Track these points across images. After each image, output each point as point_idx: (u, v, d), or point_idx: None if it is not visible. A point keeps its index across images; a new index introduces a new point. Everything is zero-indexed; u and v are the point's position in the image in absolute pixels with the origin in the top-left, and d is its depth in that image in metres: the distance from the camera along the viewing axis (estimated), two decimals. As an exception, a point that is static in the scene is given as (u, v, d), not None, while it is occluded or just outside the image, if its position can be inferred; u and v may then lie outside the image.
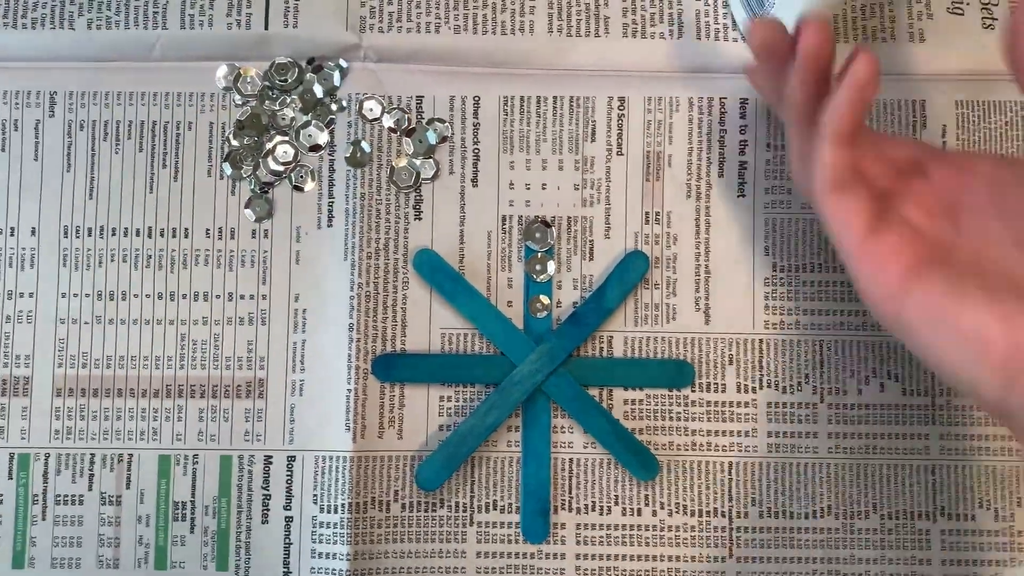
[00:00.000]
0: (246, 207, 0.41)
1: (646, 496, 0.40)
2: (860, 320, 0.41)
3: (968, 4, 0.42)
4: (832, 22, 0.34)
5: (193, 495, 0.40)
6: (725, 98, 0.42)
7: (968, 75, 0.42)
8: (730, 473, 0.40)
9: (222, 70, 0.42)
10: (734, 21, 0.42)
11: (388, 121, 0.42)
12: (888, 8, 0.42)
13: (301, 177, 0.42)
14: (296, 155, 0.42)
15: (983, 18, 0.42)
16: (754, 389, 0.41)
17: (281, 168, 0.42)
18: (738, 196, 0.41)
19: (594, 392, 0.41)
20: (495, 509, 0.40)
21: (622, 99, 0.42)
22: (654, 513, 0.40)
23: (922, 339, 0.30)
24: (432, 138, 0.42)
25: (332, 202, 0.41)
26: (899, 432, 0.40)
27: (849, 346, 0.41)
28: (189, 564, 0.40)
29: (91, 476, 0.40)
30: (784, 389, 0.41)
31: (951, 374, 0.30)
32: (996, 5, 0.42)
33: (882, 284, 0.31)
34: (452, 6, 0.42)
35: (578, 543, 0.40)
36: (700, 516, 0.40)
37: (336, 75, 0.42)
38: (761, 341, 0.41)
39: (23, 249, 0.41)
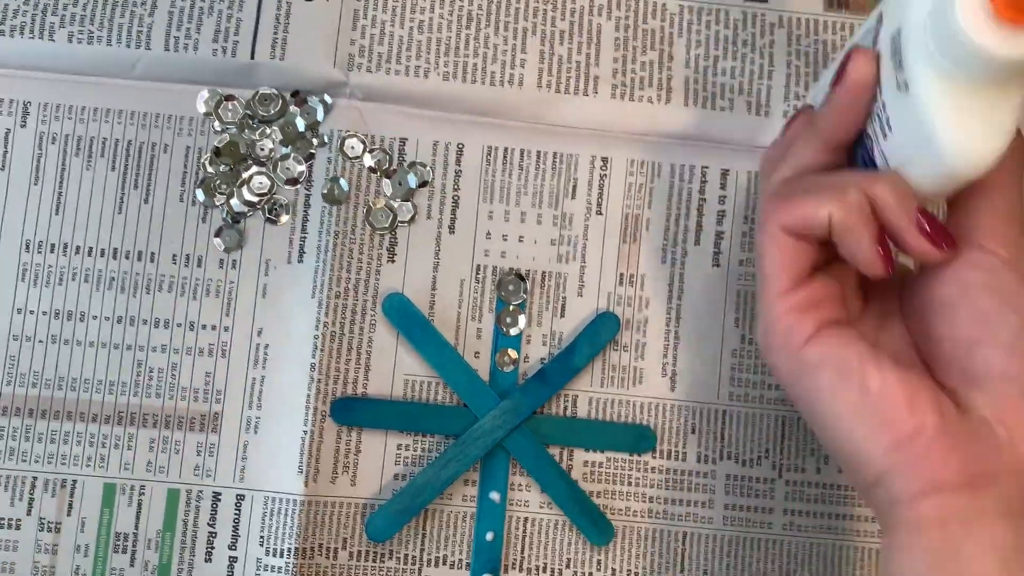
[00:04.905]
0: (216, 236, 0.41)
1: (598, 561, 0.40)
2: (824, 398, 0.41)
3: None
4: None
5: (136, 527, 0.39)
6: (707, 167, 0.42)
7: None
8: (684, 543, 0.40)
9: (204, 94, 0.41)
10: (722, 91, 0.42)
11: (369, 160, 0.41)
12: None
13: (275, 210, 0.41)
14: (272, 187, 0.41)
15: None
16: (714, 460, 0.41)
17: (256, 199, 0.41)
18: (713, 266, 0.41)
19: (555, 451, 0.40)
20: (445, 564, 0.40)
21: (605, 159, 0.42)
22: (605, 579, 0.40)
23: (822, 396, 0.29)
24: (412, 181, 0.41)
25: (305, 237, 0.41)
26: (855, 514, 0.41)
27: (811, 424, 0.41)
28: (125, 599, 0.39)
29: (31, 500, 0.39)
30: (744, 462, 0.41)
31: (839, 440, 0.29)
32: None
33: (797, 332, 0.30)
34: (443, 52, 0.42)
35: (526, 604, 0.40)
36: (651, 585, 0.40)
37: (320, 109, 0.41)
38: (724, 412, 0.41)
39: (-19, 260, 0.40)
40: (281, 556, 0.39)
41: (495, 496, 0.40)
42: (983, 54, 0.25)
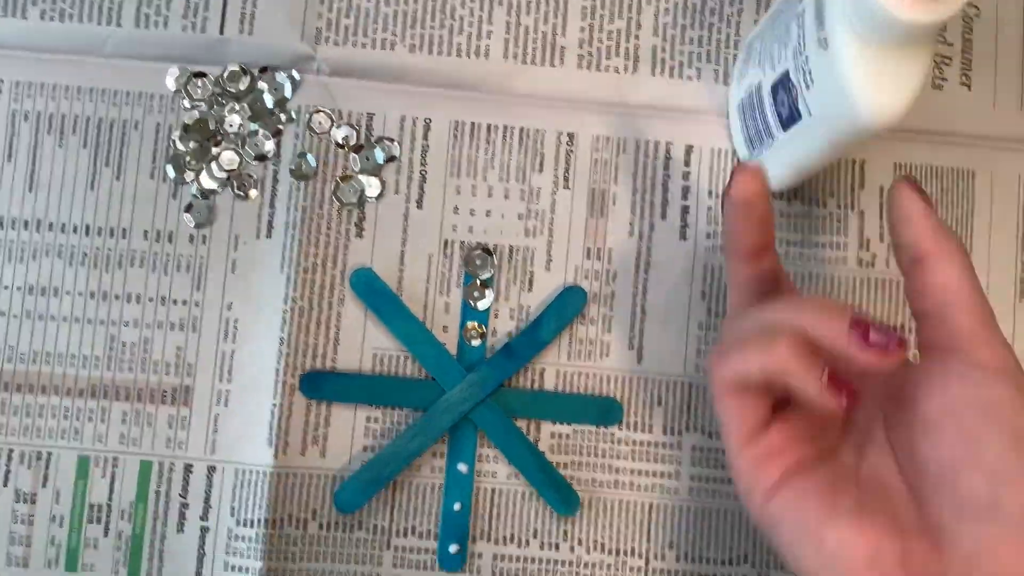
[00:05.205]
0: (186, 211, 0.41)
1: (565, 532, 0.40)
2: (791, 370, 0.41)
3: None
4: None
5: (110, 498, 0.40)
6: (671, 143, 0.42)
7: (910, 131, 0.42)
8: (650, 514, 0.40)
9: (173, 72, 0.41)
10: (690, 60, 0.42)
11: (337, 136, 0.41)
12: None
13: (244, 185, 0.41)
14: (241, 163, 0.41)
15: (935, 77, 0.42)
16: (680, 431, 0.41)
17: (225, 175, 0.41)
18: (680, 239, 0.41)
19: (522, 424, 0.41)
20: (413, 535, 0.40)
21: (571, 135, 0.42)
22: (572, 549, 0.40)
23: (784, 549, 0.29)
24: (380, 157, 0.41)
25: (273, 213, 0.41)
26: (821, 485, 0.41)
27: (778, 396, 0.41)
28: (100, 567, 0.40)
29: (7, 472, 0.40)
30: (710, 434, 0.41)
31: None
32: (948, 63, 0.42)
33: (758, 487, 0.29)
34: (409, 24, 0.42)
35: (494, 574, 0.40)
36: (617, 555, 0.40)
37: (287, 85, 0.41)
38: (691, 385, 0.41)
39: (-44, 237, 0.41)
40: (252, 526, 0.40)
41: (463, 467, 0.40)
42: (891, 19, 0.27)
